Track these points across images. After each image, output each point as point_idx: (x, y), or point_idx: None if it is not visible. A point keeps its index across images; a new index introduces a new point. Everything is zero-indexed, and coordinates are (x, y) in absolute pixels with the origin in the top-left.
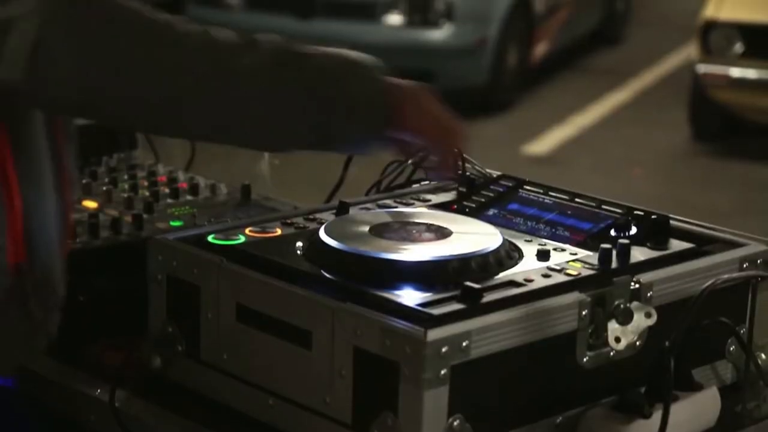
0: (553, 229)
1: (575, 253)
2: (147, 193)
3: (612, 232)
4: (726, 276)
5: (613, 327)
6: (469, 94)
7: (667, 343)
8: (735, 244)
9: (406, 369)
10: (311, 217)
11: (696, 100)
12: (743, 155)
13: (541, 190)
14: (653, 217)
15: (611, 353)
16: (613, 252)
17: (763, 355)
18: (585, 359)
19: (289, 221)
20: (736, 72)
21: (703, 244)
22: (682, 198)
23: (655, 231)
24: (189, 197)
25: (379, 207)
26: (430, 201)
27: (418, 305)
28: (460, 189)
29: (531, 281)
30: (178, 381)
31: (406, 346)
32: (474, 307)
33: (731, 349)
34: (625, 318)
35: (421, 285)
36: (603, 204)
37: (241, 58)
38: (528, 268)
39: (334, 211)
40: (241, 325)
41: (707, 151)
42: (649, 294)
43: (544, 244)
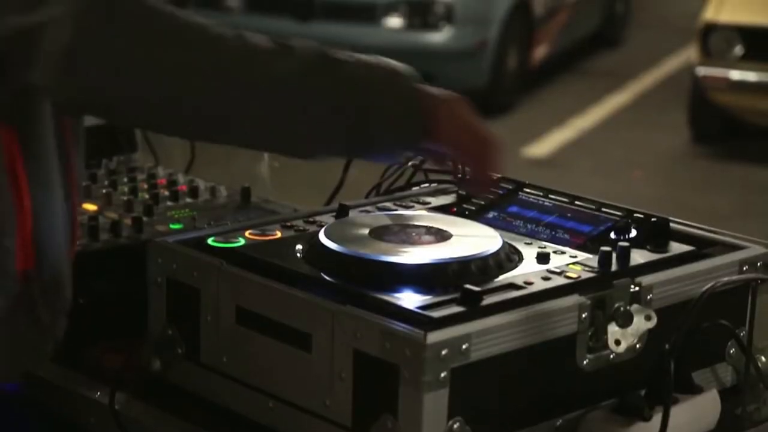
0: (552, 232)
1: (575, 256)
2: (147, 196)
3: (612, 235)
4: (726, 279)
5: (612, 330)
6: (468, 97)
7: (667, 346)
8: (735, 247)
9: (406, 372)
10: (311, 219)
11: (696, 103)
12: (743, 158)
13: (540, 193)
14: (653, 219)
15: (611, 356)
16: (613, 255)
17: (763, 358)
18: (585, 362)
19: (288, 224)
20: (735, 74)
21: (703, 246)
22: (681, 200)
23: (655, 234)
24: (189, 200)
25: (379, 210)
26: (429, 204)
27: (418, 308)
28: (460, 192)
29: (531, 284)
30: (178, 384)
31: (406, 348)
32: (474, 309)
33: (731, 351)
34: (624, 321)
35: (420, 288)
36: (603, 207)
37: (277, 63)
38: (528, 270)
39: (334, 213)
40: (241, 328)
41: (707, 154)
42: (649, 297)
43: (544, 247)
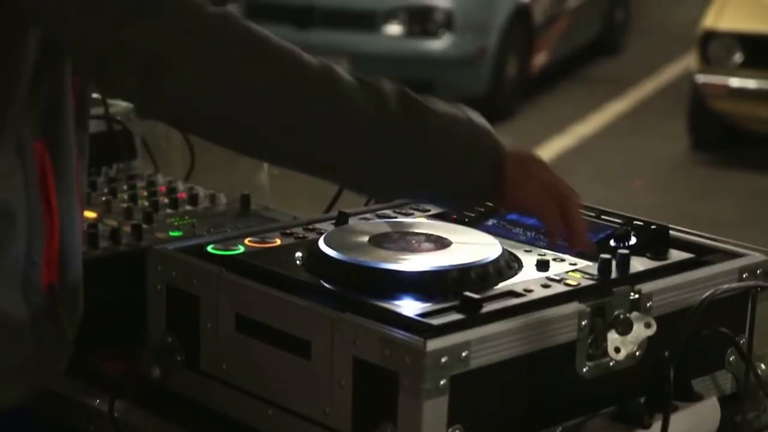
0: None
1: (575, 263)
2: (146, 204)
3: (611, 243)
4: (725, 286)
5: (612, 337)
6: (468, 104)
7: (666, 354)
8: (734, 255)
9: (405, 379)
10: (310, 227)
11: (695, 110)
12: (743, 165)
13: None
14: (653, 227)
15: (611, 363)
16: (613, 262)
17: (762, 365)
18: (584, 369)
19: (288, 231)
20: (735, 82)
21: (703, 254)
22: (681, 208)
23: (655, 241)
24: (188, 207)
25: (379, 217)
26: (429, 211)
27: (418, 315)
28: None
29: (530, 291)
30: (177, 391)
31: (406, 356)
32: (473, 317)
33: (731, 359)
34: (624, 328)
35: (420, 295)
36: (602, 214)
37: (362, 100)
38: (527, 278)
39: (334, 221)
40: (241, 335)
41: (707, 161)
42: (648, 304)
43: (544, 254)
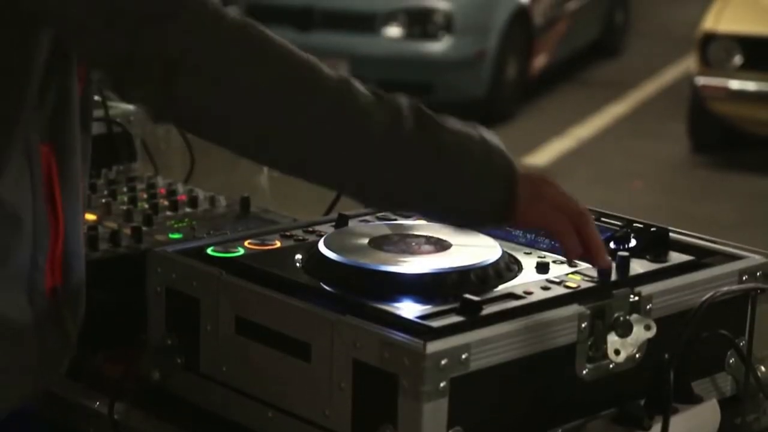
0: (552, 242)
1: (575, 266)
2: (146, 206)
3: (611, 245)
4: (725, 288)
5: (612, 339)
6: (468, 106)
7: (666, 356)
8: (734, 257)
9: (405, 381)
10: (310, 229)
11: (695, 112)
12: (742, 167)
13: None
14: (652, 229)
15: (611, 365)
16: (613, 264)
17: (762, 368)
18: (584, 371)
19: (288, 234)
20: (735, 84)
21: (703, 256)
22: (681, 210)
23: (655, 243)
24: (188, 210)
25: (378, 219)
26: None
27: (418, 318)
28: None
29: (530, 294)
30: (177, 393)
31: (406, 358)
32: (473, 319)
33: (731, 361)
34: (624, 330)
35: (420, 297)
36: (602, 216)
37: (380, 114)
38: (527, 280)
39: (334, 223)
40: (241, 338)
41: (706, 163)
42: (648, 306)
43: (544, 257)
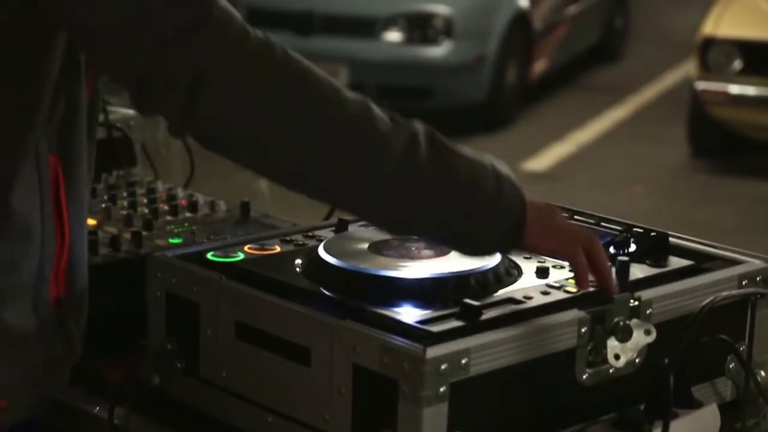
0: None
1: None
2: (146, 211)
3: (611, 249)
4: (725, 293)
5: (612, 344)
6: (468, 111)
7: (666, 361)
8: (734, 262)
9: (405, 386)
10: (310, 234)
11: (695, 117)
12: (742, 172)
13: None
14: (652, 234)
15: (611, 370)
16: (613, 269)
17: (762, 372)
18: (584, 376)
19: (288, 238)
20: (735, 89)
21: (703, 261)
22: (681, 215)
23: (655, 248)
24: (188, 214)
25: None
26: None
27: (418, 322)
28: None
29: (530, 298)
30: (177, 398)
31: (405, 363)
32: (473, 324)
33: (731, 366)
34: (624, 335)
35: (420, 302)
36: (602, 221)
37: (397, 140)
38: (527, 285)
39: (334, 228)
40: (241, 343)
41: (706, 168)
42: (648, 311)
43: (543, 261)
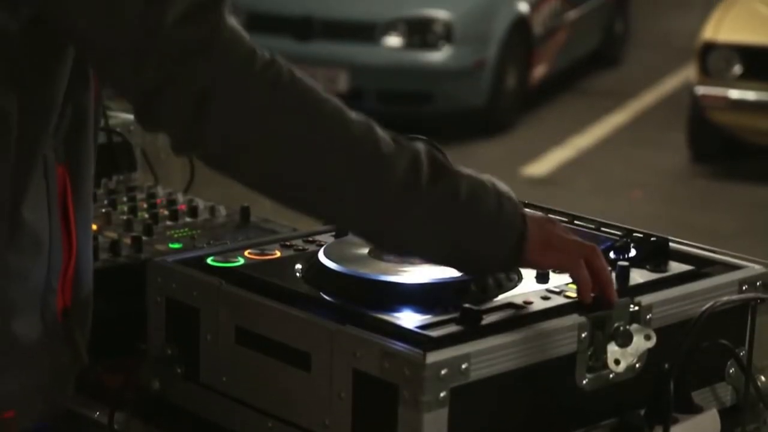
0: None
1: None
2: (146, 216)
3: (611, 255)
4: (725, 298)
5: (612, 349)
6: (468, 116)
7: (666, 366)
8: (734, 267)
9: (405, 391)
10: (310, 239)
11: (695, 122)
12: (742, 177)
13: (539, 212)
14: (652, 239)
15: (611, 375)
16: (613, 274)
17: (762, 378)
18: (584, 381)
19: (288, 243)
20: (734, 94)
21: (703, 266)
22: (681, 219)
23: (655, 253)
24: (188, 219)
25: None
26: None
27: (418, 327)
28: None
29: (530, 303)
30: (177, 403)
31: (405, 368)
32: (473, 329)
33: (731, 371)
34: (624, 340)
35: (420, 307)
36: (602, 226)
37: (400, 162)
38: (527, 290)
39: (334, 233)
40: (241, 348)
41: (706, 173)
42: (648, 316)
43: None
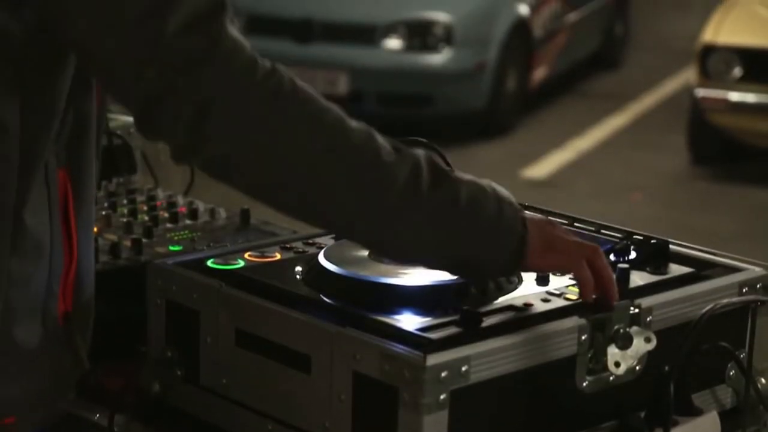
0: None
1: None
2: (146, 218)
3: (611, 257)
4: (725, 300)
5: (612, 351)
6: (468, 118)
7: (666, 368)
8: (734, 269)
9: (405, 394)
10: (310, 241)
11: (695, 124)
12: (742, 179)
13: (540, 215)
14: (652, 241)
15: (611, 378)
16: (613, 276)
17: (763, 380)
18: (585, 384)
19: (288, 246)
20: (734, 96)
21: (703, 268)
22: (681, 222)
23: (655, 255)
24: (188, 222)
25: None
26: None
27: (418, 330)
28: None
29: (530, 306)
30: (177, 406)
31: (406, 370)
32: (473, 331)
33: (731, 373)
34: (624, 342)
35: (420, 309)
36: (602, 228)
37: (400, 170)
38: (527, 292)
39: (334, 235)
40: (241, 350)
41: (706, 175)
42: (648, 318)
43: None
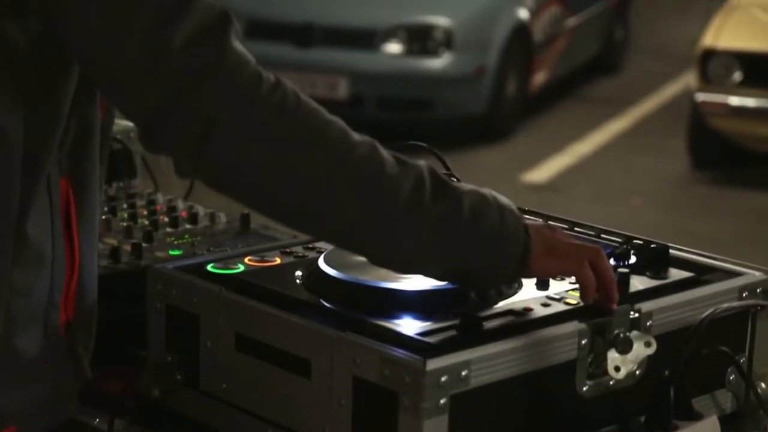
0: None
1: (574, 282)
2: (146, 222)
3: (611, 261)
4: (725, 305)
5: (612, 356)
6: (468, 123)
7: (666, 372)
8: (734, 273)
9: (405, 398)
10: (310, 246)
11: (695, 129)
12: (742, 183)
13: (539, 219)
14: (652, 246)
15: (611, 382)
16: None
17: (763, 384)
18: (585, 388)
19: (288, 250)
20: (735, 100)
21: (703, 273)
22: (681, 226)
23: (655, 260)
24: (188, 226)
25: None
26: None
27: (418, 334)
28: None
29: (530, 310)
30: (177, 410)
31: (406, 375)
32: (473, 336)
33: (731, 378)
34: (624, 347)
35: (420, 314)
36: (602, 233)
37: (404, 183)
38: (527, 297)
39: None
40: (241, 354)
41: (706, 180)
42: (648, 323)
43: None
